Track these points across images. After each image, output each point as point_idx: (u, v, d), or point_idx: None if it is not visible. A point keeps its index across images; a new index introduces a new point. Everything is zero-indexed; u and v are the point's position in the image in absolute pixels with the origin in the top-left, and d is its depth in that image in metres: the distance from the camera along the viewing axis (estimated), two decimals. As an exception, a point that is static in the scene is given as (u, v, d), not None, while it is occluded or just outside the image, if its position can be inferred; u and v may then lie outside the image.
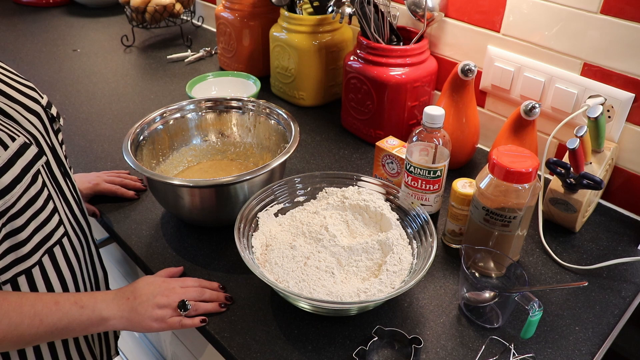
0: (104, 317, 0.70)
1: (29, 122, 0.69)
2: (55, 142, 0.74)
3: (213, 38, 1.73)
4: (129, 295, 0.73)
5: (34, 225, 0.67)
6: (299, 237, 0.82)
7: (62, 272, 0.73)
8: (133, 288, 0.74)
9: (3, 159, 0.61)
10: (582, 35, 0.94)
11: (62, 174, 0.74)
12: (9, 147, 0.62)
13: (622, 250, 0.90)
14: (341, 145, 1.18)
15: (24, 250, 0.66)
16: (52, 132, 0.74)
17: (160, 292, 0.74)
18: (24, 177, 0.64)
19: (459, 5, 1.10)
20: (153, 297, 0.73)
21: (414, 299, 0.80)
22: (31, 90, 0.73)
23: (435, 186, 0.90)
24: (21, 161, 0.63)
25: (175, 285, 0.76)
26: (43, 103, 0.73)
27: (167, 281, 0.77)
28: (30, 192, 0.65)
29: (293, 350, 0.72)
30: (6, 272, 0.66)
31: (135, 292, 0.73)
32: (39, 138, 0.69)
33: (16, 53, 1.61)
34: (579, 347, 0.74)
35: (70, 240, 0.75)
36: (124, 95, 1.38)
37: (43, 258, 0.70)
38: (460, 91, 1.00)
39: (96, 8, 1.98)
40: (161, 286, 0.75)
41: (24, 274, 0.68)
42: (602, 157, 0.93)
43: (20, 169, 0.63)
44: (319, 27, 1.23)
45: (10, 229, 0.64)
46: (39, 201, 0.67)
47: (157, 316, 0.73)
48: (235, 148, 1.07)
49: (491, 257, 0.80)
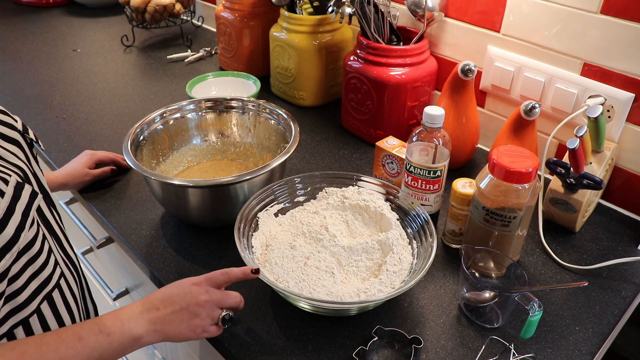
0: (136, 337, 0.62)
1: (10, 154, 0.61)
2: (37, 170, 0.66)
3: (213, 38, 1.73)
4: (158, 305, 0.65)
5: (31, 271, 0.59)
6: (299, 237, 0.82)
7: (61, 317, 0.66)
8: (162, 295, 0.66)
9: (2, 208, 0.53)
10: (582, 35, 0.94)
11: (47, 205, 0.66)
12: (5, 192, 0.54)
13: (622, 250, 0.90)
14: (341, 145, 1.18)
15: (19, 299, 0.59)
16: (32, 159, 0.66)
17: (194, 296, 0.66)
18: (26, 223, 0.56)
19: (459, 5, 1.10)
20: (187, 302, 0.65)
21: (414, 299, 0.80)
22: (3, 114, 0.64)
23: (435, 186, 0.90)
24: (19, 205, 0.56)
25: (209, 288, 0.68)
26: (19, 128, 0.65)
27: (198, 283, 0.68)
28: (28, 236, 0.57)
29: (293, 350, 0.72)
30: (1, 325, 0.58)
31: (165, 300, 0.65)
32: (25, 170, 0.61)
33: (16, 53, 1.61)
34: (579, 347, 0.74)
35: (66, 280, 0.67)
36: (124, 95, 1.38)
37: (42, 305, 0.62)
38: (460, 91, 1.00)
39: (96, 8, 1.98)
40: (192, 290, 0.66)
41: (21, 325, 0.60)
42: (602, 157, 0.93)
43: (20, 215, 0.55)
44: (319, 27, 1.23)
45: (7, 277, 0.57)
46: (35, 245, 0.59)
47: (195, 325, 0.65)
48: (235, 148, 1.07)
49: (491, 257, 0.80)
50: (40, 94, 1.37)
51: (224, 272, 0.70)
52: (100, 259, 1.29)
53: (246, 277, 0.70)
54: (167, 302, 0.65)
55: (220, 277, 0.69)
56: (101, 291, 1.27)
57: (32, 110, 1.29)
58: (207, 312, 0.66)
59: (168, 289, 0.67)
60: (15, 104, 1.32)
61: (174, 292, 0.66)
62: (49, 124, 1.24)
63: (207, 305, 0.66)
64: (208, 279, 0.69)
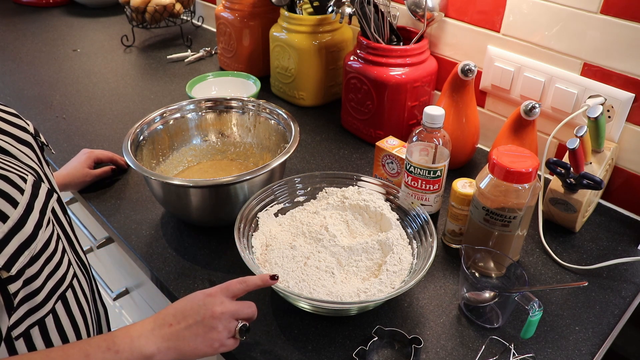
0: (147, 355, 0.59)
1: (25, 155, 0.61)
2: (48, 172, 0.67)
3: (213, 38, 1.73)
4: (171, 320, 0.61)
5: (48, 270, 0.59)
6: (299, 237, 0.82)
7: (74, 318, 0.65)
8: (174, 310, 0.63)
9: (22, 205, 0.53)
10: (582, 35, 0.94)
11: (60, 207, 0.67)
12: (24, 189, 0.54)
13: (622, 250, 0.90)
14: (341, 145, 1.18)
15: (37, 299, 0.58)
16: (44, 161, 0.67)
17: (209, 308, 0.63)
18: (43, 221, 0.56)
19: (459, 5, 1.10)
20: (202, 315, 0.62)
21: (414, 299, 0.80)
22: (16, 117, 0.65)
23: (435, 186, 0.90)
24: (37, 203, 0.56)
25: (224, 299, 0.65)
26: (31, 131, 0.66)
27: (212, 294, 0.64)
28: (45, 234, 0.57)
29: (293, 350, 0.72)
30: (19, 325, 0.57)
31: (178, 315, 0.62)
32: (38, 171, 0.62)
33: (16, 53, 1.61)
34: (579, 347, 0.74)
35: (79, 281, 0.67)
36: (124, 95, 1.38)
37: (56, 305, 0.61)
38: (460, 91, 1.00)
39: (96, 8, 1.98)
40: (207, 302, 0.63)
41: (37, 325, 0.59)
42: (602, 157, 0.93)
43: (38, 213, 0.55)
44: (319, 27, 1.23)
45: (25, 277, 0.56)
46: (51, 245, 0.59)
47: (212, 338, 0.62)
48: (235, 148, 1.07)
49: (491, 257, 0.80)
50: (40, 94, 1.37)
51: (241, 280, 0.67)
52: (100, 259, 1.29)
53: (265, 284, 0.67)
54: (180, 317, 0.62)
55: (238, 286, 0.66)
56: (101, 291, 1.27)
57: (32, 110, 1.29)
58: (223, 324, 0.63)
59: (180, 303, 0.64)
60: (16, 104, 1.32)
61: (187, 306, 0.63)
62: (49, 124, 1.24)
63: (224, 318, 0.63)
64: (224, 290, 0.65)
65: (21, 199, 0.53)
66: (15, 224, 0.52)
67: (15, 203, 0.53)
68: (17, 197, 0.53)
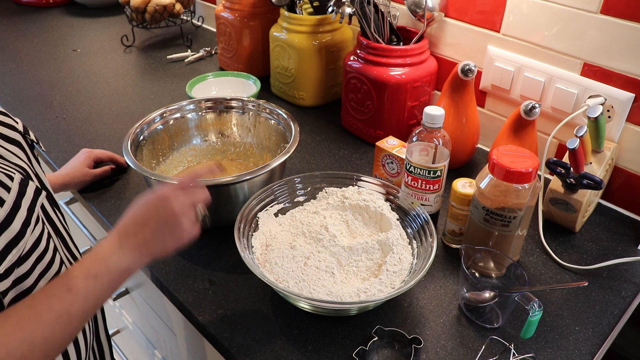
0: (124, 269, 0.60)
1: (11, 154, 0.61)
2: (39, 171, 0.67)
3: (213, 38, 1.73)
4: (134, 229, 0.62)
5: (39, 269, 0.59)
6: (299, 237, 0.82)
7: None
8: (133, 219, 0.63)
9: (9, 203, 0.53)
10: (582, 35, 0.94)
11: (50, 205, 0.66)
12: (11, 187, 0.55)
13: (622, 250, 0.90)
14: (341, 145, 1.18)
15: None
16: (34, 159, 0.67)
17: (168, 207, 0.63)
18: (31, 219, 0.57)
19: (459, 5, 1.10)
20: (164, 216, 0.63)
21: (414, 299, 0.80)
22: (4, 116, 0.64)
23: (435, 186, 0.90)
24: (25, 201, 0.56)
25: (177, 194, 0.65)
26: (20, 129, 0.66)
27: (166, 194, 0.64)
28: (35, 233, 0.58)
29: (293, 350, 0.72)
30: None
31: (139, 223, 0.62)
32: (27, 170, 0.62)
33: (16, 53, 1.61)
34: (579, 347, 0.74)
35: None
36: (124, 95, 1.38)
37: None
38: (460, 91, 1.00)
39: (96, 8, 1.98)
40: (164, 204, 0.63)
41: None
42: (602, 157, 0.93)
43: (26, 211, 0.56)
44: (319, 27, 1.23)
45: (16, 276, 0.56)
46: (42, 243, 0.59)
47: (179, 234, 0.63)
48: (235, 148, 1.07)
49: (491, 257, 0.80)
50: (40, 94, 1.37)
51: (188, 174, 0.69)
52: (100, 259, 1.28)
53: (211, 172, 0.69)
54: (142, 224, 0.62)
55: (187, 178, 0.67)
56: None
57: (32, 110, 1.29)
58: (186, 217, 0.64)
59: (137, 211, 0.64)
60: (16, 104, 1.32)
61: (144, 212, 0.63)
62: (49, 124, 1.24)
63: (185, 211, 0.64)
64: (175, 186, 0.66)
65: (7, 197, 0.54)
66: (2, 222, 0.53)
67: (2, 201, 0.53)
68: (3, 195, 0.53)
